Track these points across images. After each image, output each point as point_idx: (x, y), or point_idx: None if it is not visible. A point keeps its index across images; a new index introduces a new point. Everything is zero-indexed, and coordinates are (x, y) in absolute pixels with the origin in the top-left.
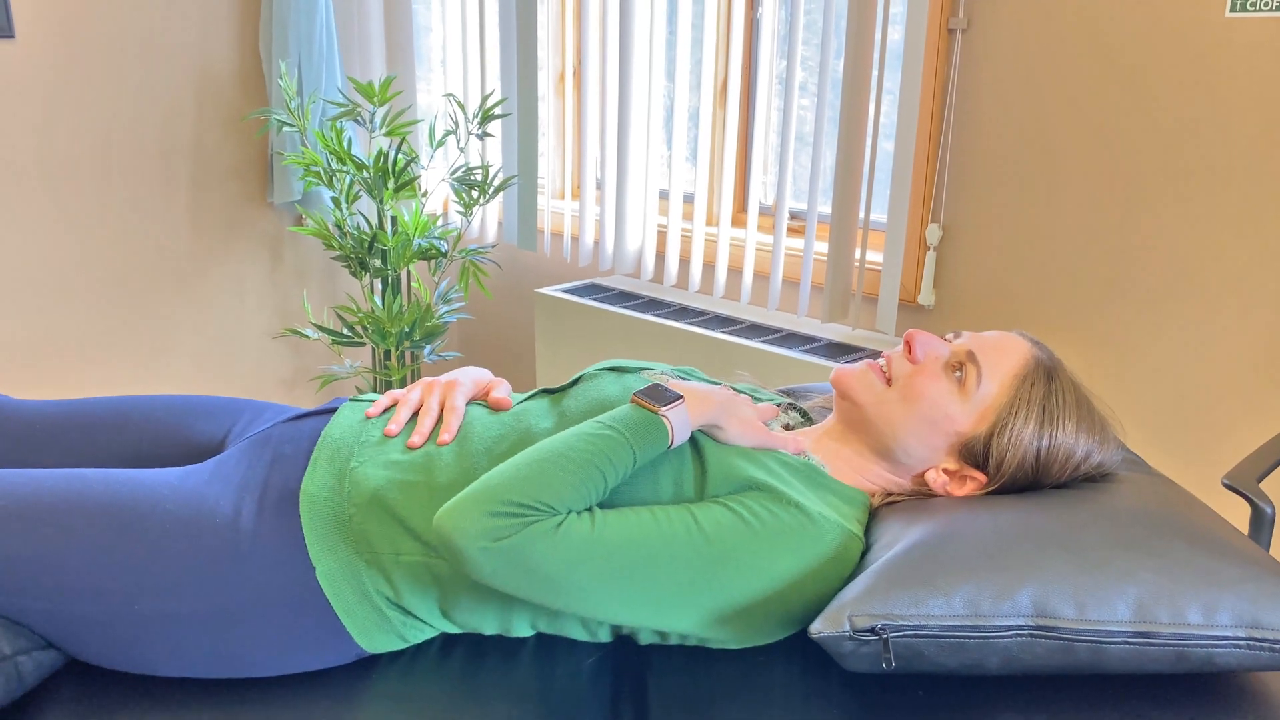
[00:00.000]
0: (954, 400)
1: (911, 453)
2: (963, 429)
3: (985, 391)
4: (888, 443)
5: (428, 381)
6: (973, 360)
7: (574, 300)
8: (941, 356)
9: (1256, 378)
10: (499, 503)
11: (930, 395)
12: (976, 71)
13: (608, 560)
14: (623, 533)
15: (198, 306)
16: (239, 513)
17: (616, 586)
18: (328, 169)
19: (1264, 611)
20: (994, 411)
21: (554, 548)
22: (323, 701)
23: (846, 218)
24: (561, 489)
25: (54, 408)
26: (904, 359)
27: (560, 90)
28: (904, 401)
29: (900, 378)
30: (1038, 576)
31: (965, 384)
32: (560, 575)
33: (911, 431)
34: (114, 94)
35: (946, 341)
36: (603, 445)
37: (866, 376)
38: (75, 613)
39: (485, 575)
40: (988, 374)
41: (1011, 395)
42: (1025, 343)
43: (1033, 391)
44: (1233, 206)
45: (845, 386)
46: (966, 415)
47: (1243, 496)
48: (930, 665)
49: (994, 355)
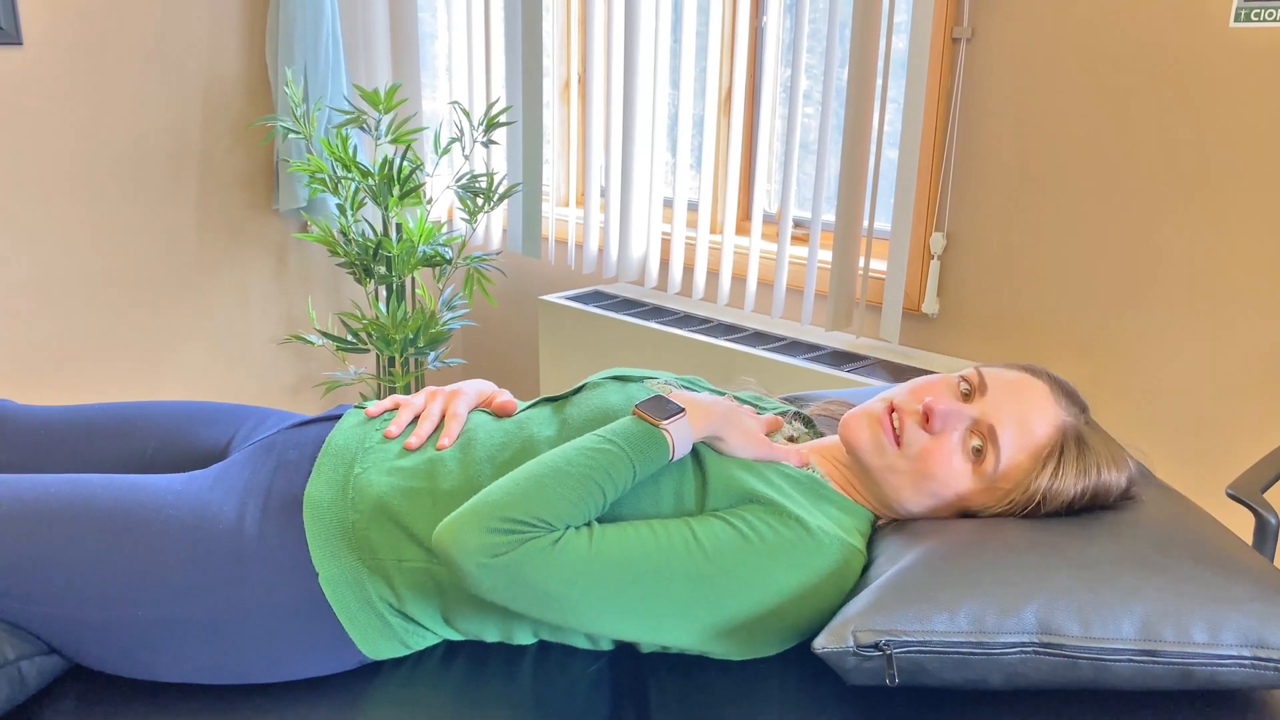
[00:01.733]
0: (967, 480)
1: (913, 512)
2: (972, 504)
3: (1004, 469)
4: (889, 501)
5: (432, 390)
6: (993, 440)
7: (578, 307)
8: (959, 427)
9: (1262, 388)
10: (496, 519)
11: (942, 477)
12: (980, 80)
13: (605, 577)
14: (620, 549)
15: (203, 312)
16: (242, 518)
17: (615, 603)
18: (333, 176)
19: (1270, 631)
20: (1009, 483)
21: (551, 564)
22: (325, 707)
23: (850, 226)
24: (559, 505)
25: (59, 414)
26: (919, 428)
27: (565, 98)
28: (913, 476)
29: (913, 446)
30: (1043, 593)
31: (982, 465)
32: (558, 591)
33: (916, 501)
34: (121, 101)
35: (964, 396)
36: (602, 460)
37: (876, 437)
38: (78, 617)
39: (484, 591)
40: (1008, 453)
41: (1030, 473)
42: (1052, 404)
43: (1063, 465)
44: (1238, 216)
45: (851, 440)
46: (979, 495)
47: (1247, 506)
48: (934, 680)
49: (1017, 430)
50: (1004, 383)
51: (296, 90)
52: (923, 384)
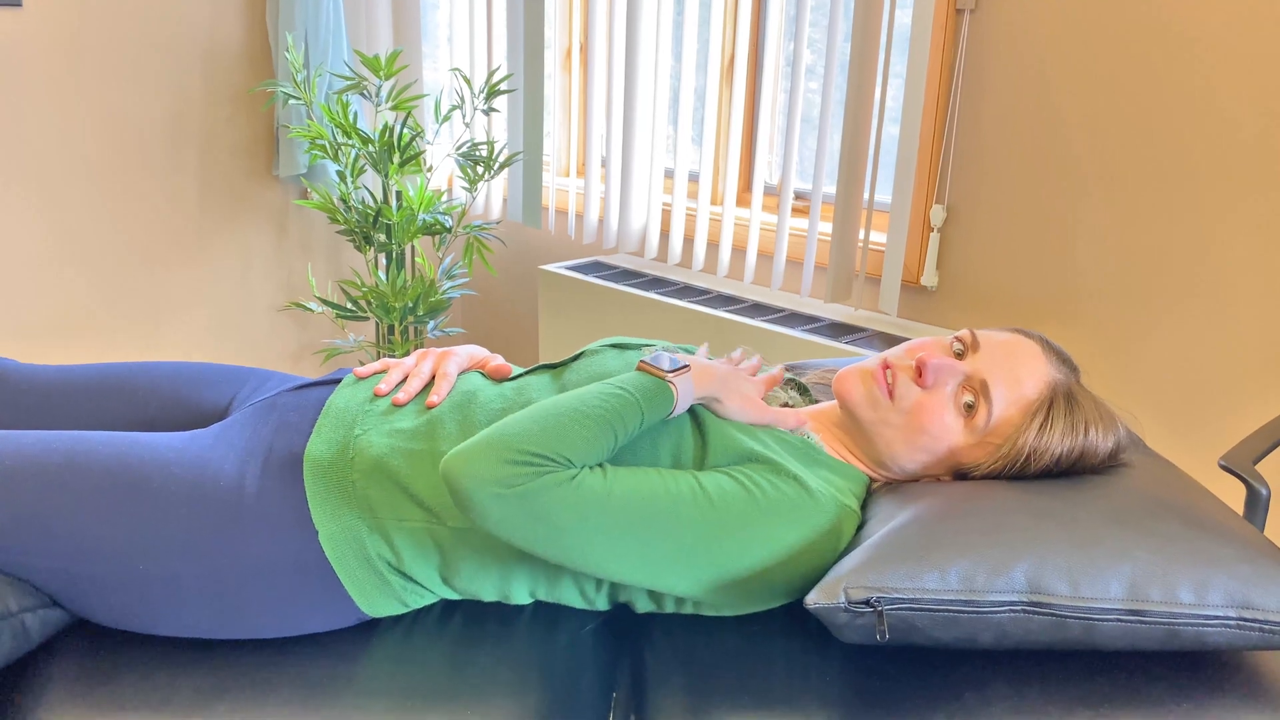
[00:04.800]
0: (959, 435)
1: (906, 469)
2: (964, 460)
3: (995, 423)
4: (882, 458)
5: (423, 350)
6: (985, 395)
7: (578, 278)
8: (951, 381)
9: (1257, 362)
10: (516, 451)
11: (934, 430)
12: (984, 52)
13: (617, 515)
14: (633, 490)
15: (203, 279)
16: (243, 477)
17: (622, 542)
18: (333, 143)
19: (1255, 592)
20: (1000, 438)
21: (567, 498)
22: (324, 662)
23: (851, 198)
24: (578, 443)
25: (62, 373)
26: (911, 382)
27: (567, 67)
28: (906, 429)
29: (906, 400)
30: (1033, 553)
31: (974, 419)
32: (569, 526)
33: (910, 457)
34: (121, 65)
35: (956, 355)
36: (615, 404)
37: (871, 392)
38: (80, 572)
39: (492, 522)
40: (999, 407)
41: (1020, 427)
42: (1043, 363)
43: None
44: (1240, 191)
45: (845, 395)
46: (972, 450)
47: (1238, 478)
48: (924, 638)
49: (1008, 385)
50: (996, 342)
51: (297, 56)
52: (916, 343)
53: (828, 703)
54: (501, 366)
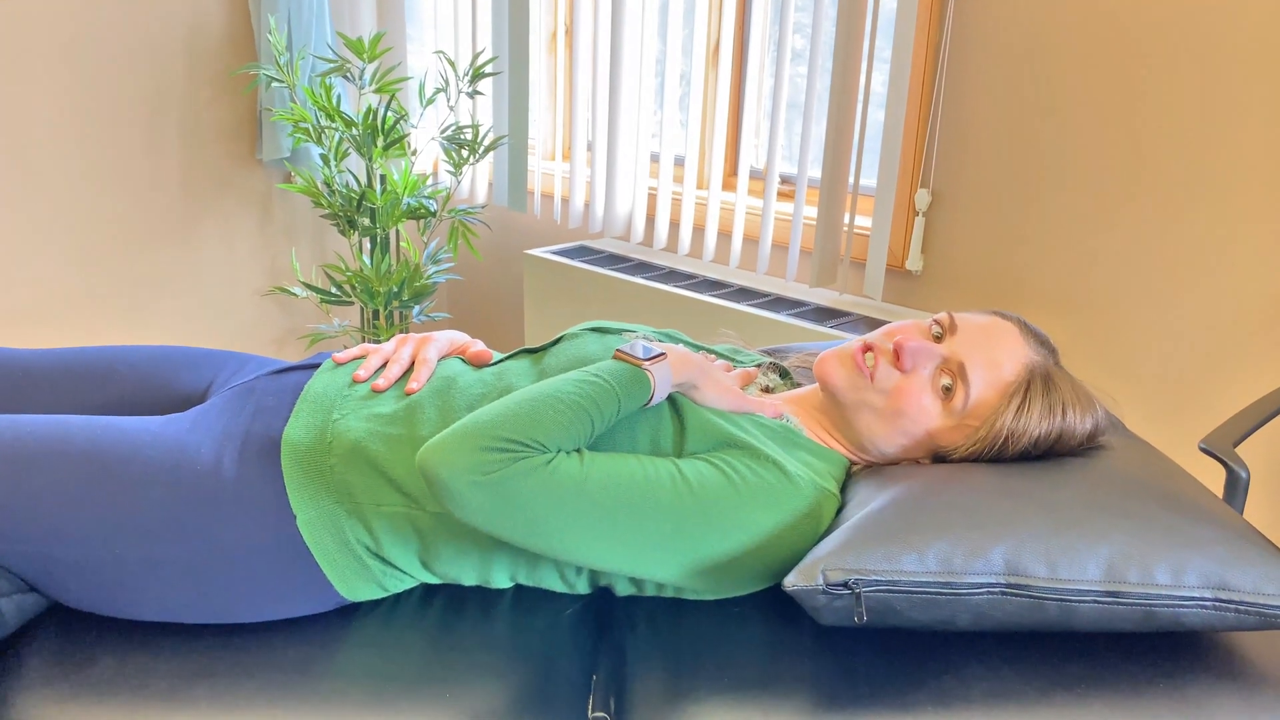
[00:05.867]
0: (937, 418)
1: (885, 452)
2: (942, 442)
3: (973, 405)
4: (862, 440)
5: (402, 336)
6: (962, 377)
7: (563, 262)
8: (929, 364)
9: (1240, 347)
10: (491, 438)
11: (912, 413)
12: (968, 37)
13: (594, 501)
14: (610, 475)
15: (186, 263)
16: (220, 461)
17: (600, 528)
18: (317, 126)
19: (1231, 573)
20: (978, 420)
21: (542, 484)
22: (303, 647)
23: (836, 182)
24: (553, 429)
25: (38, 356)
26: (890, 366)
27: (552, 50)
28: (885, 412)
29: (885, 383)
30: (1011, 535)
31: (952, 401)
32: (546, 513)
33: (888, 439)
34: (102, 47)
35: (935, 339)
36: (591, 391)
37: (851, 375)
38: (56, 556)
39: (470, 511)
40: (977, 389)
41: (997, 410)
42: (1021, 344)
43: (1030, 399)
44: (1222, 177)
45: (826, 377)
46: (949, 432)
47: (1218, 460)
48: (902, 620)
49: (986, 367)
50: (974, 325)
51: (280, 39)
52: (895, 326)
53: (807, 685)
54: (482, 353)
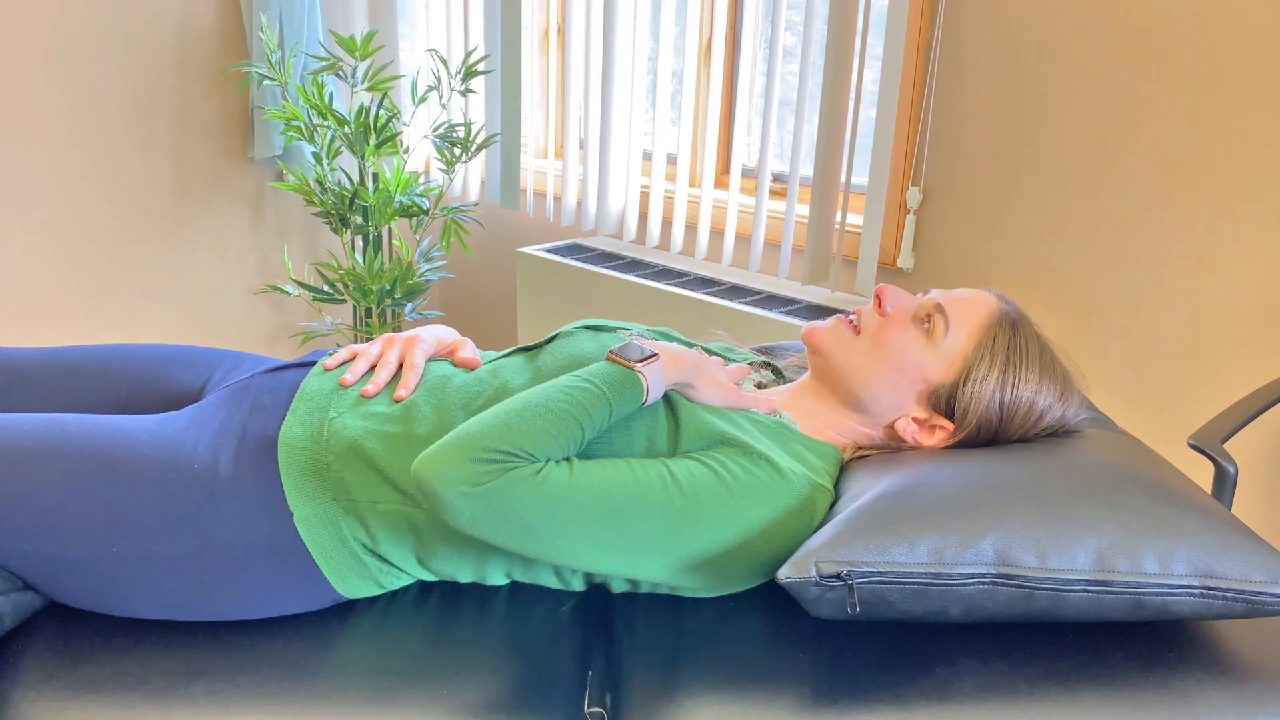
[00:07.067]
0: (922, 349)
1: (881, 401)
2: (931, 377)
3: (952, 341)
4: (858, 392)
5: (389, 336)
6: (940, 311)
7: (556, 260)
8: (910, 309)
9: (1226, 343)
10: (480, 449)
11: (899, 345)
12: (960, 35)
13: (584, 508)
14: (600, 482)
15: (179, 262)
16: (216, 459)
17: (592, 534)
18: (309, 124)
19: (1218, 562)
20: (961, 359)
21: (533, 493)
22: (300, 644)
23: (828, 181)
24: (541, 438)
25: (34, 355)
26: (873, 312)
27: (544, 47)
28: (873, 351)
29: (869, 329)
30: (1001, 526)
31: (933, 333)
32: (538, 521)
33: (881, 379)
34: (93, 45)
35: (916, 297)
36: (581, 398)
37: (836, 329)
38: (53, 554)
39: (463, 520)
40: (955, 325)
41: (977, 344)
42: (992, 297)
43: (997, 342)
44: (1211, 175)
45: (815, 340)
46: (934, 363)
47: (1207, 456)
48: (895, 612)
49: (961, 307)
50: (951, 291)
51: (271, 36)
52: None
53: (801, 677)
54: (470, 359)
